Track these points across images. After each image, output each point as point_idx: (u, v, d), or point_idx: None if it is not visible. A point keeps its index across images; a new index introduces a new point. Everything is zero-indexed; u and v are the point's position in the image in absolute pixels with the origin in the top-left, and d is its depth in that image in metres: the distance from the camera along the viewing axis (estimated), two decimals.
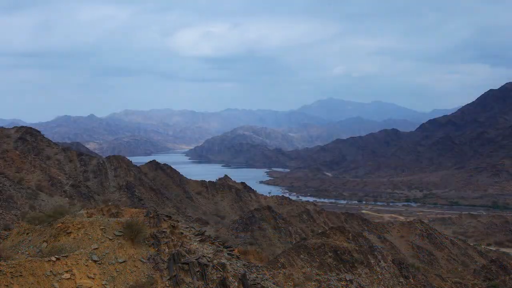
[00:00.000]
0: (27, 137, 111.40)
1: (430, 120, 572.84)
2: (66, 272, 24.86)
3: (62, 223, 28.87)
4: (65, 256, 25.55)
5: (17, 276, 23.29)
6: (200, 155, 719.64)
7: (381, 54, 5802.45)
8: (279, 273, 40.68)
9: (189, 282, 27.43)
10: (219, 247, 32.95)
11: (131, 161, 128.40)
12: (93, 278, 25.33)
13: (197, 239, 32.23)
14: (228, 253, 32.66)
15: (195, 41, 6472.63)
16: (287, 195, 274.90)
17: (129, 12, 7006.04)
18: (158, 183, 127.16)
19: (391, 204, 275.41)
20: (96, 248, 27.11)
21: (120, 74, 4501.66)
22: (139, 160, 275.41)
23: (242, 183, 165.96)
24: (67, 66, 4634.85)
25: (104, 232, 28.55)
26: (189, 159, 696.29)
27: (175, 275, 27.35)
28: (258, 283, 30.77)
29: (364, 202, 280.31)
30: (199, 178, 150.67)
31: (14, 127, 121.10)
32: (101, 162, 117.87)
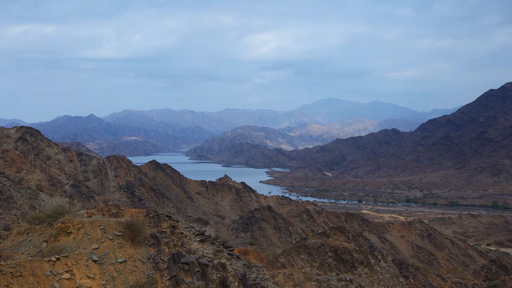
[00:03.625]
0: (27, 137, 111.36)
1: (430, 120, 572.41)
2: (66, 272, 24.84)
3: (62, 223, 28.85)
4: (65, 256, 25.54)
5: (17, 276, 23.27)
6: (200, 155, 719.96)
7: (432, 55, 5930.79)
8: (279, 273, 40.66)
9: (189, 282, 27.42)
10: (219, 247, 32.92)
11: (131, 161, 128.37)
12: (93, 278, 25.31)
13: (197, 239, 32.20)
14: (228, 253, 32.63)
15: (258, 45, 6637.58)
16: (287, 195, 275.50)
17: (214, 18, 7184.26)
18: (158, 183, 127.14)
19: (391, 204, 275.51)
20: (96, 248, 27.10)
21: (162, 76, 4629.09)
22: (139, 160, 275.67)
23: (242, 183, 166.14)
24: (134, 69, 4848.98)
25: (104, 232, 28.53)
26: (189, 159, 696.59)
27: (175, 275, 27.34)
28: (258, 283, 30.79)
29: (364, 202, 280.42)
30: (199, 178, 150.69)
31: (14, 127, 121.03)
32: (101, 162, 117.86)
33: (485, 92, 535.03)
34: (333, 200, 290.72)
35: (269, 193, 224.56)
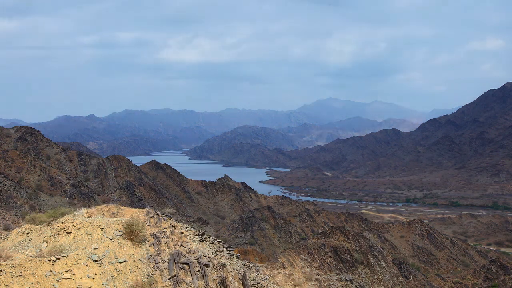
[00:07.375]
0: (27, 137, 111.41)
1: (430, 120, 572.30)
2: (66, 272, 24.84)
3: (62, 223, 28.84)
4: (65, 256, 25.53)
5: (17, 276, 23.27)
6: (200, 155, 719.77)
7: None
8: (279, 273, 40.67)
9: (189, 282, 27.42)
10: (219, 247, 32.93)
11: (131, 161, 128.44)
12: (93, 278, 25.31)
13: (197, 239, 32.20)
14: (228, 253, 32.64)
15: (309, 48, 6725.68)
16: (287, 195, 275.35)
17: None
18: (158, 183, 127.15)
19: (391, 204, 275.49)
20: (96, 248, 27.09)
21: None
22: (139, 160, 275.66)
23: (242, 183, 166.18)
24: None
25: (104, 232, 28.53)
26: (189, 159, 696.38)
27: (175, 275, 27.35)
28: (258, 283, 30.82)
29: (364, 202, 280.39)
30: (199, 178, 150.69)
31: (14, 127, 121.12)
32: (101, 162, 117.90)
33: (485, 92, 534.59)
34: (333, 200, 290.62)
35: (269, 193, 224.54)
